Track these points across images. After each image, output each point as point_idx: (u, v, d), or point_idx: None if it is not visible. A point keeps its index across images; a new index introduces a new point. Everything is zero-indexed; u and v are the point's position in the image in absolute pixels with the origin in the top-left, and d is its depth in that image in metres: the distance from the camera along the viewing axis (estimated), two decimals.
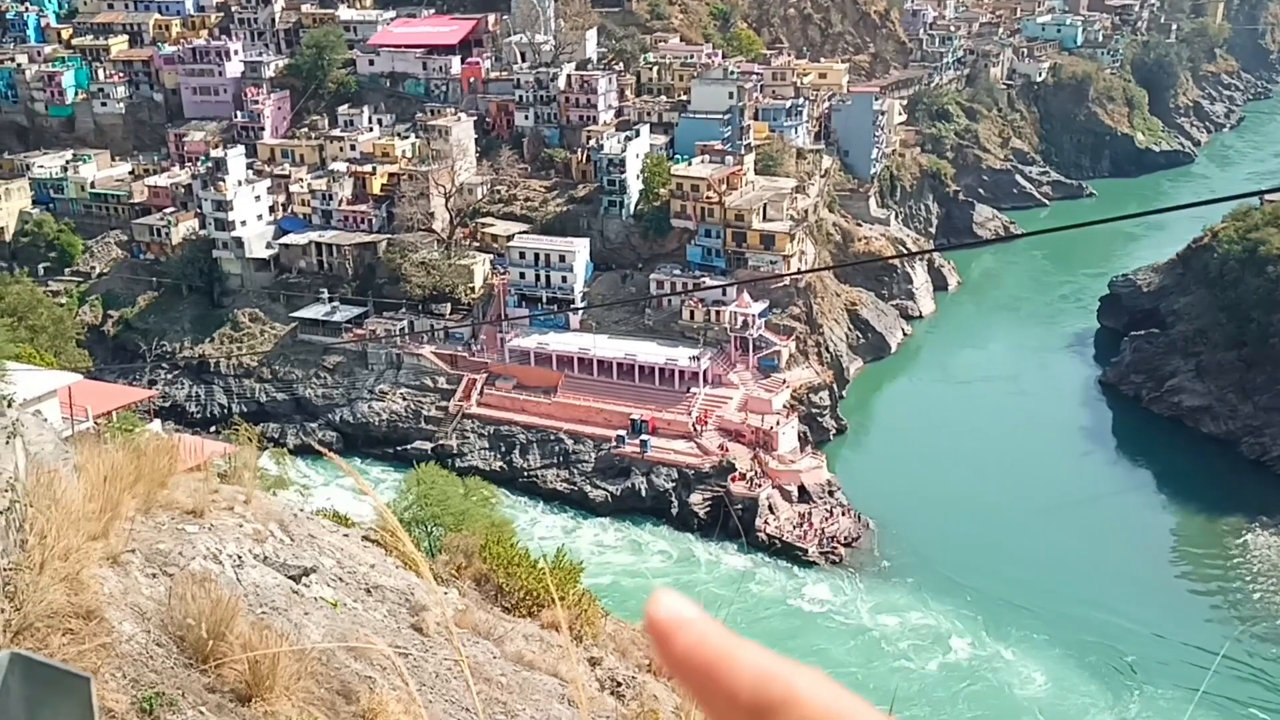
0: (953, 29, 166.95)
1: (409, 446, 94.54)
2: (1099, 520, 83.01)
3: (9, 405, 9.79)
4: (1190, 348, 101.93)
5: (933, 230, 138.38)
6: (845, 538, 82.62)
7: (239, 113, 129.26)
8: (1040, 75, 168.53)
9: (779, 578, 79.20)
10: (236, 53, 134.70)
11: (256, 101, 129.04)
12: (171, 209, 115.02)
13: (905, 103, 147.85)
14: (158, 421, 42.72)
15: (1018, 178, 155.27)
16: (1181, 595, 76.46)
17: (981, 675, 68.41)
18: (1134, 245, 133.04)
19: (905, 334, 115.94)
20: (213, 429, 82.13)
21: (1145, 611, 72.91)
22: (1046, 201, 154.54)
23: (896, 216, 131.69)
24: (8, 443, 9.06)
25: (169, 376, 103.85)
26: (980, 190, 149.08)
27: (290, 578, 11.99)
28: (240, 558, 11.48)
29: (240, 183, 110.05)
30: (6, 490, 8.46)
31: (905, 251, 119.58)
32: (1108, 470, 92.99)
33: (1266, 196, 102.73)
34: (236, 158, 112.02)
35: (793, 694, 0.96)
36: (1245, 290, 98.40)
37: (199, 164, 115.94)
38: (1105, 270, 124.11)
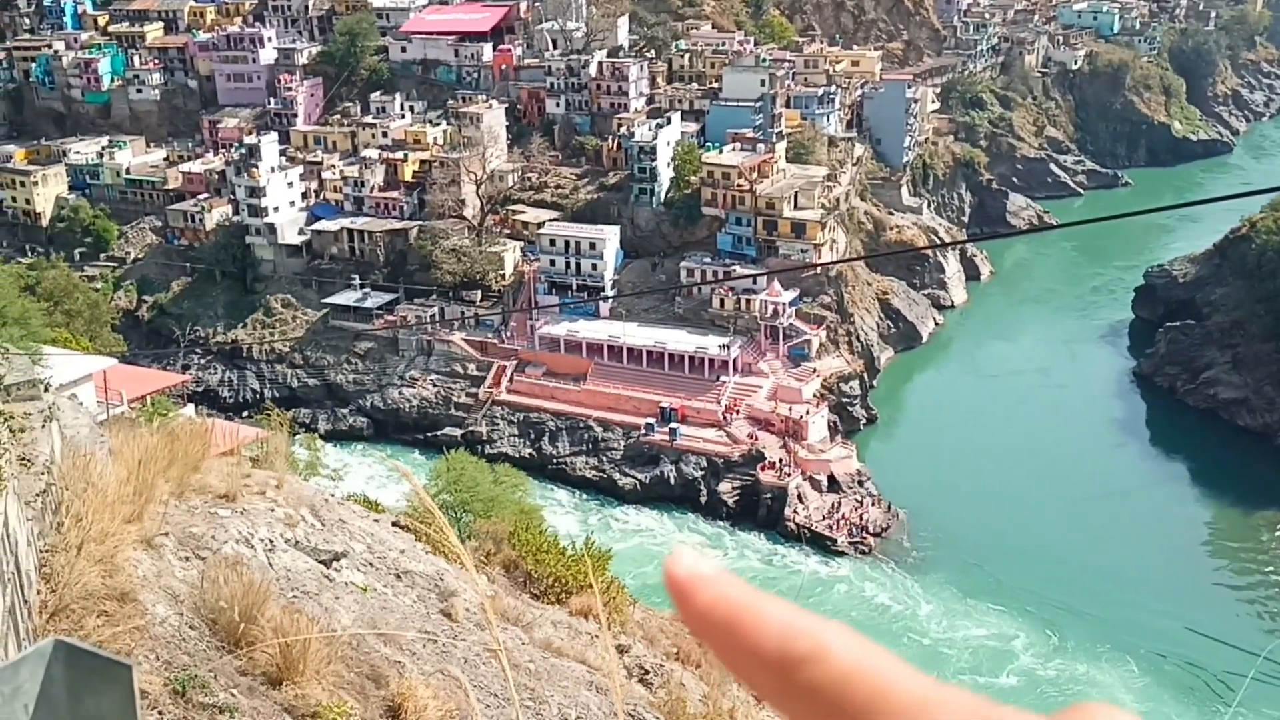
0: (987, 16, 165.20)
1: (439, 433, 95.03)
2: (1131, 513, 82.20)
3: (46, 389, 9.89)
4: (1227, 339, 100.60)
5: (965, 219, 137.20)
6: (875, 528, 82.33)
7: (272, 99, 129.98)
8: (1076, 63, 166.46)
9: (807, 567, 79.05)
10: (270, 40, 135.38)
11: (289, 88, 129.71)
12: (205, 195, 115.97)
13: (938, 90, 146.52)
14: (191, 406, 43.14)
15: (1052, 166, 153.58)
16: (1216, 591, 75.60)
17: (1010, 665, 68.03)
18: (1169, 235, 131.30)
19: (937, 323, 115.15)
20: (245, 414, 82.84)
21: (1177, 607, 72.15)
22: (1081, 191, 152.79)
23: (929, 205, 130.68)
24: (44, 426, 9.16)
25: (202, 361, 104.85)
26: (1014, 179, 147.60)
27: (321, 562, 12.07)
28: (272, 542, 11.57)
29: (273, 169, 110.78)
30: (43, 473, 8.55)
31: (938, 243, 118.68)
32: (1141, 463, 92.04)
33: None
34: (270, 144, 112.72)
35: (820, 647, 0.91)
36: None
37: (232, 150, 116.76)
38: (1140, 261, 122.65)
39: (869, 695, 0.89)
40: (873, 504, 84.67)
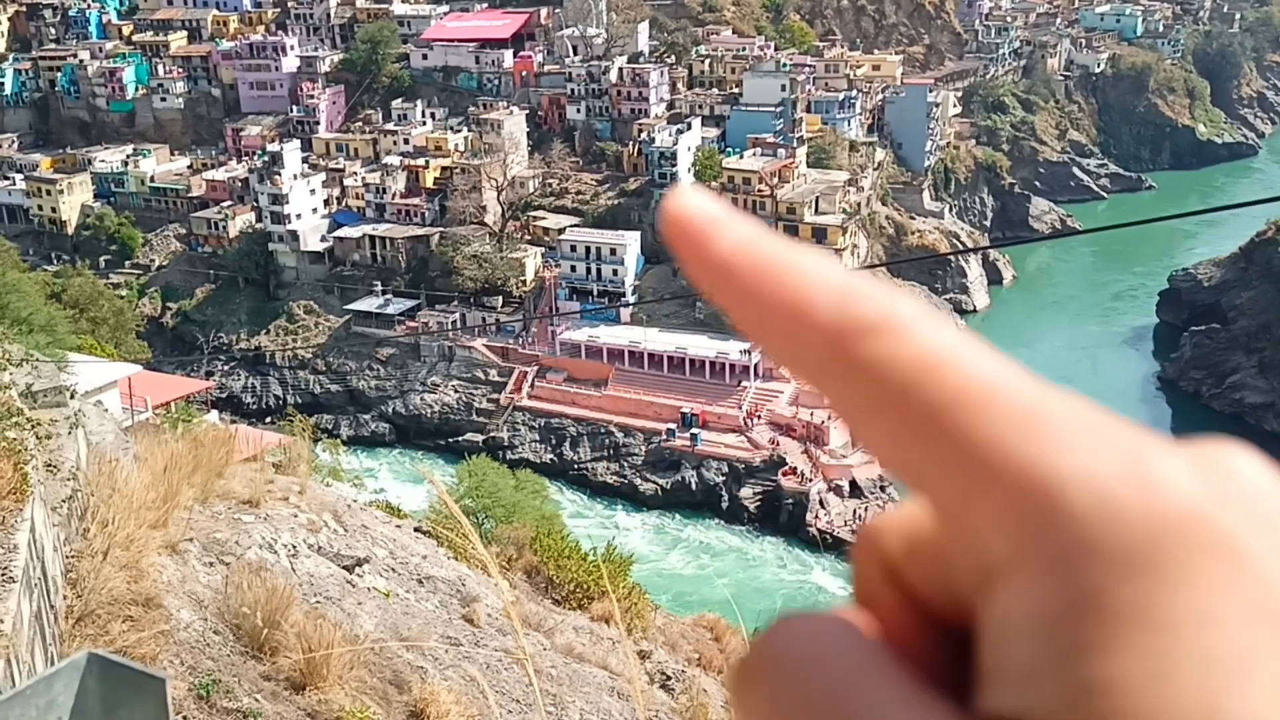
0: (1009, 19, 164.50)
1: (460, 438, 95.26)
2: None
3: (72, 396, 9.97)
4: (1253, 343, 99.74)
5: (987, 223, 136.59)
6: None
7: (295, 107, 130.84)
8: (1099, 66, 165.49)
9: (828, 571, 78.76)
10: (292, 48, 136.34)
11: (312, 96, 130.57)
12: (228, 202, 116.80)
13: (960, 94, 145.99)
14: (215, 412, 43.40)
15: (1075, 170, 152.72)
16: None
17: None
18: (1193, 240, 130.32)
19: (959, 329, 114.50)
20: (268, 420, 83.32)
21: None
22: (1105, 194, 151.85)
23: (950, 209, 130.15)
24: (70, 432, 9.23)
25: (225, 368, 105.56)
26: (1036, 183, 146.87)
27: (344, 568, 12.11)
28: (295, 547, 11.61)
29: (296, 176, 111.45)
30: (69, 479, 8.61)
31: (960, 248, 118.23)
32: None
33: None
34: (292, 152, 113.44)
35: (891, 317, 0.63)
36: None
37: (255, 158, 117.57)
38: (1164, 264, 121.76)
39: (953, 387, 0.62)
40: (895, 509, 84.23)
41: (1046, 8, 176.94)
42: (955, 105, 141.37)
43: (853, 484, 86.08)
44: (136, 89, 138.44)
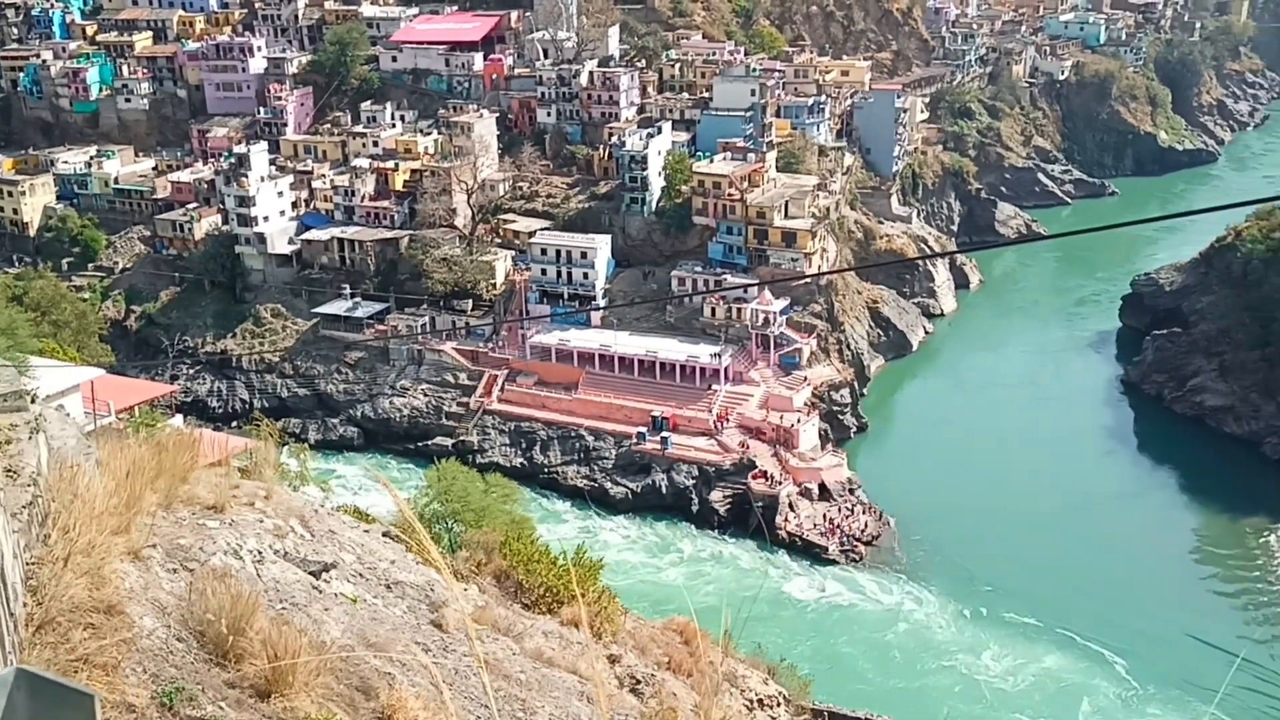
0: (975, 27, 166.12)
1: (430, 442, 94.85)
2: (1120, 519, 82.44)
3: (32, 400, 9.83)
4: (1213, 347, 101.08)
5: (954, 228, 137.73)
6: (866, 536, 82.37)
7: (262, 109, 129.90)
8: (1063, 73, 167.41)
9: (797, 574, 78.98)
10: (260, 49, 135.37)
11: (279, 98, 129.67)
12: (194, 205, 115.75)
13: (927, 100, 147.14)
14: (179, 416, 42.94)
15: (1040, 176, 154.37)
16: (1201, 596, 75.82)
17: (998, 670, 68.04)
18: (1154, 245, 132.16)
19: (927, 332, 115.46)
20: (234, 424, 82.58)
21: (1162, 610, 72.38)
22: (1069, 200, 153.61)
23: (918, 214, 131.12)
24: (31, 437, 9.10)
25: (191, 371, 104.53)
26: (1002, 188, 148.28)
27: (310, 573, 12.00)
28: (260, 553, 11.51)
29: (263, 179, 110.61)
30: (30, 485, 8.49)
31: (928, 252, 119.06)
32: (1129, 469, 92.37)
33: None
34: (259, 154, 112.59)
35: None
36: (1269, 290, 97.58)
37: (222, 160, 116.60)
38: (1127, 269, 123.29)
39: None
40: (864, 512, 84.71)
41: (1012, 15, 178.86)
42: (923, 111, 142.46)
43: (821, 487, 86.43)
44: (100, 89, 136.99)
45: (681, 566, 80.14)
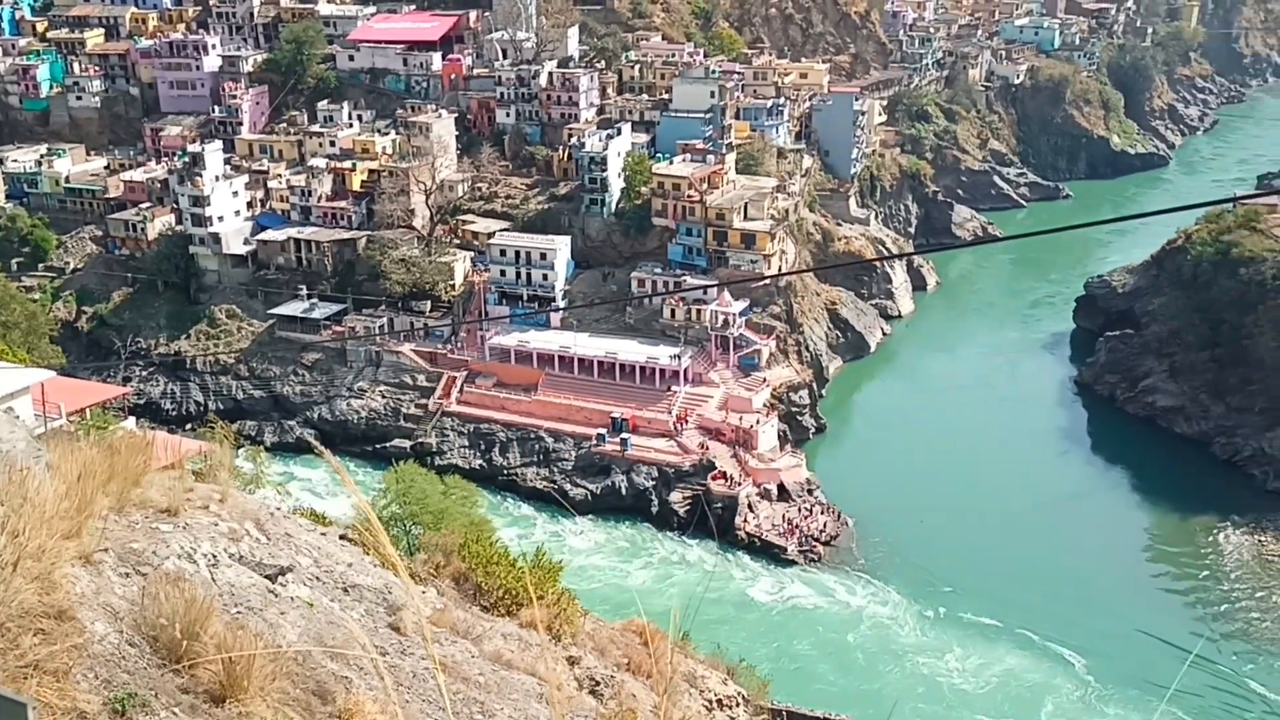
0: (932, 30, 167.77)
1: (388, 444, 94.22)
2: (1073, 519, 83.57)
3: None
4: (1164, 349, 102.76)
5: (912, 230, 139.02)
6: (824, 536, 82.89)
7: (216, 107, 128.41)
8: (1018, 77, 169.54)
9: (756, 575, 79.31)
10: (214, 47, 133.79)
11: (234, 96, 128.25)
12: (147, 204, 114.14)
13: (885, 103, 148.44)
14: (132, 419, 42.36)
15: (996, 179, 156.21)
16: (1154, 594, 77.05)
17: (959, 670, 68.71)
18: (1106, 248, 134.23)
19: (884, 333, 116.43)
20: (188, 427, 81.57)
21: (1118, 609, 73.45)
22: (1024, 202, 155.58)
23: (876, 216, 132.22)
24: None
25: (144, 373, 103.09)
26: (959, 191, 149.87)
27: (266, 577, 11.88)
28: (215, 557, 11.38)
29: (217, 178, 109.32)
30: None
31: (886, 254, 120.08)
32: (1082, 469, 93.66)
33: (1241, 201, 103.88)
34: (214, 153, 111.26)
35: None
36: (1218, 292, 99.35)
37: (175, 159, 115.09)
38: (1080, 272, 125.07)
39: None
40: (822, 512, 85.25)
41: (968, 20, 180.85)
42: (881, 114, 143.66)
43: (780, 487, 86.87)
44: (51, 87, 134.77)
45: (641, 568, 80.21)
